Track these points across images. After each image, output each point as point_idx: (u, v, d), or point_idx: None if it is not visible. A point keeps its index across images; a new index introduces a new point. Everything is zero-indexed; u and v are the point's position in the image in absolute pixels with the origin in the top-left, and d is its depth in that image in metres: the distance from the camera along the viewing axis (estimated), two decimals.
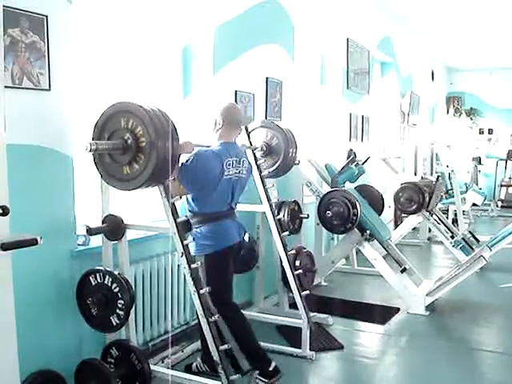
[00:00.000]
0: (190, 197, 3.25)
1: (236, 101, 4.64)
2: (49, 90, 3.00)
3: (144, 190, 2.81)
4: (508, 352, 4.21)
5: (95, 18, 3.66)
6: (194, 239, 3.21)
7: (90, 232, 3.14)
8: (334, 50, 6.93)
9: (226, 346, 2.97)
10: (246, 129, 3.93)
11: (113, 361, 3.19)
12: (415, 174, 9.19)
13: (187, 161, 3.11)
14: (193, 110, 4.43)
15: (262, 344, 3.92)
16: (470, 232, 7.46)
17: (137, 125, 2.64)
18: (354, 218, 4.97)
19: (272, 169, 4.34)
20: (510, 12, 8.31)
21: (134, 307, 3.18)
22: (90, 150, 2.61)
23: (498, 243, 5.41)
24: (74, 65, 3.24)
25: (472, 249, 6.63)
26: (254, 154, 3.97)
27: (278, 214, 4.34)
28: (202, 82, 4.42)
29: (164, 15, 4.22)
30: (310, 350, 3.96)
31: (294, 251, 4.44)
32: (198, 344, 3.95)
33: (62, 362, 3.08)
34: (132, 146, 2.66)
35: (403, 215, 8.14)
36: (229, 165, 3.21)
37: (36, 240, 2.57)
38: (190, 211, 3.29)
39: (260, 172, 4.11)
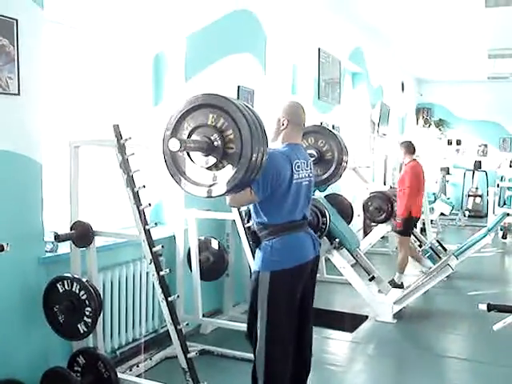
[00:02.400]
0: (258, 205, 2.78)
1: None
2: (18, 94, 2.97)
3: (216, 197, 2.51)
4: (474, 358, 4.29)
5: (66, 25, 3.65)
6: (261, 253, 2.81)
7: (58, 239, 3.11)
8: (306, 60, 6.99)
9: (193, 354, 2.97)
10: None
11: (80, 369, 3.14)
12: (384, 184, 9.34)
13: None
14: (164, 117, 4.41)
15: (231, 352, 3.94)
16: (437, 241, 7.57)
17: (228, 126, 2.35)
18: (324, 226, 5.01)
19: (322, 178, 4.07)
20: (478, 27, 8.51)
21: (101, 315, 3.16)
22: (179, 150, 2.31)
23: (465, 252, 5.51)
24: (44, 70, 3.21)
25: (439, 257, 6.73)
26: None
27: (248, 222, 4.25)
28: (173, 90, 4.42)
29: (136, 23, 4.22)
30: None
31: None
32: (165, 352, 3.94)
33: (28, 371, 3.05)
34: (219, 149, 2.35)
35: (372, 224, 8.22)
36: (298, 167, 2.81)
37: (2, 246, 2.54)
38: (258, 223, 2.83)
39: None
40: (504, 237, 10.04)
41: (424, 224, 8.91)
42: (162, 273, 2.97)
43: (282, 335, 2.78)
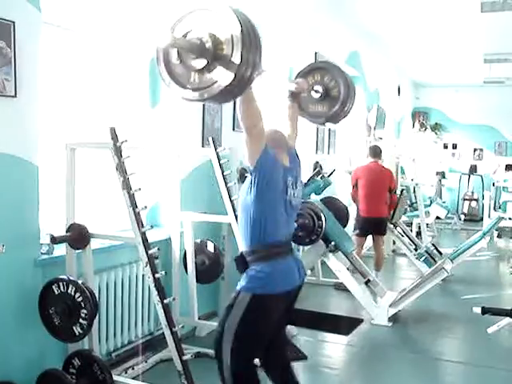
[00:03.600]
0: (253, 219, 2.60)
1: (204, 111, 4.64)
2: (15, 96, 2.98)
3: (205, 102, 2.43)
4: (468, 362, 4.31)
5: (64, 27, 3.65)
6: (247, 275, 2.63)
7: (54, 241, 3.11)
8: (303, 64, 6.98)
9: (189, 357, 2.97)
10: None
11: (75, 371, 3.14)
12: None
13: None
14: (161, 119, 4.43)
15: None
16: (433, 244, 7.60)
17: (220, 28, 2.23)
18: (319, 229, 5.02)
19: (329, 114, 3.81)
20: (474, 31, 8.55)
21: (97, 317, 3.15)
22: (169, 45, 2.31)
23: (460, 256, 5.54)
24: (41, 72, 3.21)
25: (435, 261, 6.75)
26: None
27: None
28: (170, 92, 4.40)
29: (133, 25, 4.22)
30: None
31: None
32: (161, 355, 3.94)
33: (23, 373, 3.04)
34: (210, 51, 2.24)
35: None
36: (291, 184, 2.72)
37: None
38: (248, 247, 2.65)
39: (226, 182, 4.14)
40: (499, 236, 10.15)
41: (420, 228, 8.95)
42: (157, 275, 2.97)
43: (247, 358, 2.65)
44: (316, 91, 3.83)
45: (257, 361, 2.73)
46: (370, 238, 7.03)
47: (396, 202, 7.15)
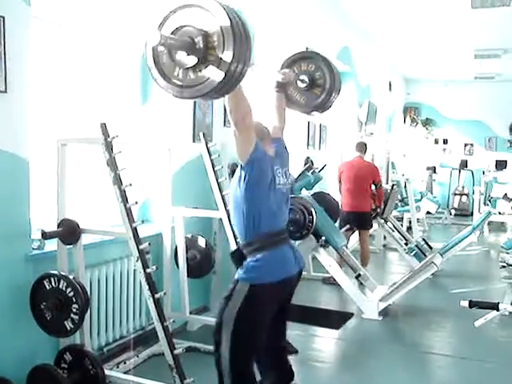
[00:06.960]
0: (246, 211, 2.63)
1: (195, 107, 4.64)
2: (5, 91, 2.97)
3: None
4: (457, 355, 4.36)
5: (54, 22, 3.65)
6: (244, 265, 2.68)
7: (45, 236, 3.11)
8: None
9: (180, 351, 2.99)
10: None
11: (66, 366, 3.15)
12: None
13: None
14: (152, 115, 4.43)
15: None
16: (423, 239, 7.64)
17: (213, 31, 2.21)
18: (310, 224, 5.05)
19: (313, 105, 3.72)
20: (465, 27, 8.59)
21: (89, 312, 3.17)
22: (159, 44, 2.26)
23: (450, 250, 5.58)
24: (32, 67, 3.21)
25: (425, 255, 6.79)
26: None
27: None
28: (160, 89, 4.41)
29: (124, 21, 4.22)
30: None
31: None
32: (153, 349, 3.95)
33: (14, 368, 3.04)
34: (200, 51, 2.22)
35: None
36: (279, 173, 2.72)
37: None
38: (245, 239, 2.69)
39: (217, 178, 4.15)
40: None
41: (410, 222, 9.00)
42: (148, 270, 2.99)
43: (247, 348, 2.67)
44: (302, 81, 3.81)
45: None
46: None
47: (383, 195, 7.17)
